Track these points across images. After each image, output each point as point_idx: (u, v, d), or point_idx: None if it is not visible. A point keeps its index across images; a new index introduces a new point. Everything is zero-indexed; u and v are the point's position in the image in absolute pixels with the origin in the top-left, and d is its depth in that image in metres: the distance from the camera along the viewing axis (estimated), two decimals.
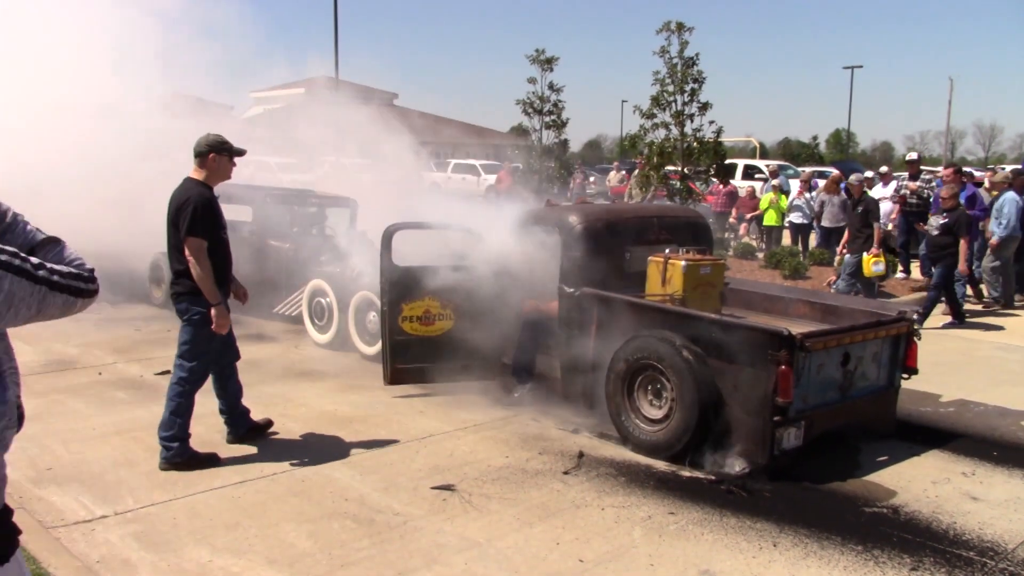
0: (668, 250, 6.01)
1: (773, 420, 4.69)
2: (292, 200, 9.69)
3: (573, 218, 6.05)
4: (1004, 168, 17.28)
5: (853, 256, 10.08)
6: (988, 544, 4.13)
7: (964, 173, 12.15)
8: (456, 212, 7.18)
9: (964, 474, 5.08)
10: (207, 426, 5.28)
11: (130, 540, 3.90)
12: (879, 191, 13.32)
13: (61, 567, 3.59)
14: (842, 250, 10.80)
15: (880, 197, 12.70)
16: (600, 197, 23.02)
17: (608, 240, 6.07)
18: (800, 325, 5.51)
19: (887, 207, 12.86)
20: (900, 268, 12.52)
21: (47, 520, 4.07)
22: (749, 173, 23.20)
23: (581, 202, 10.10)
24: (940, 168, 14.21)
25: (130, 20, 10.88)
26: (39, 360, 7.19)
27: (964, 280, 10.38)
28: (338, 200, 9.72)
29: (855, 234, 10.20)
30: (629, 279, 6.04)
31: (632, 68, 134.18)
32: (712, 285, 5.94)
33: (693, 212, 7.96)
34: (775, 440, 4.72)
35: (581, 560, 3.83)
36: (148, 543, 3.88)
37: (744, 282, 7.60)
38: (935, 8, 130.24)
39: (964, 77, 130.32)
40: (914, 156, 13.39)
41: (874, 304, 6.53)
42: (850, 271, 10.12)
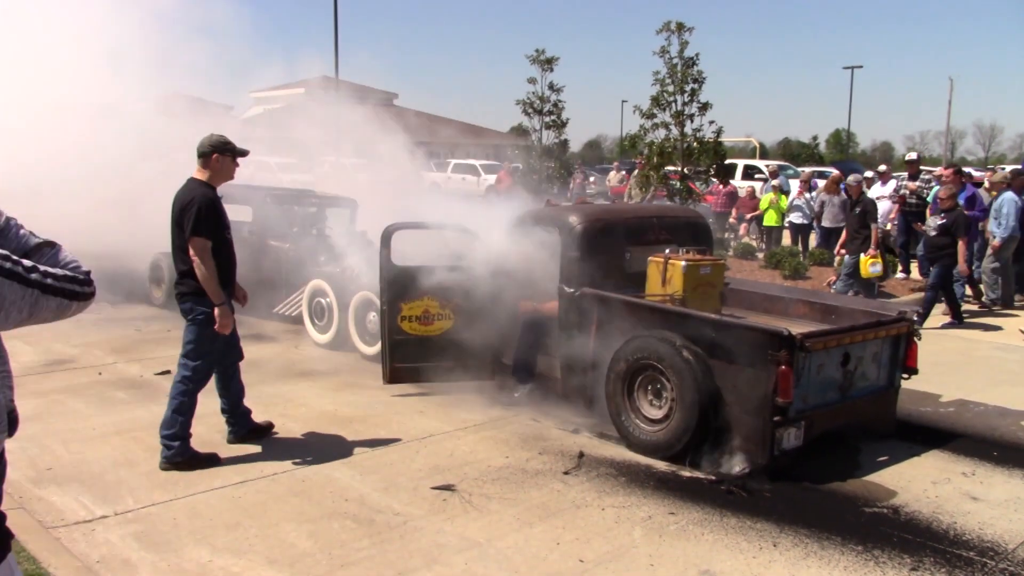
0: (668, 250, 6.00)
1: (773, 420, 4.69)
2: (292, 200, 9.69)
3: (573, 218, 6.05)
4: (1004, 168, 17.27)
5: (851, 257, 10.11)
6: (988, 544, 4.13)
7: (964, 174, 12.15)
8: (456, 212, 7.18)
9: (964, 474, 5.08)
10: (208, 426, 5.28)
11: (130, 540, 3.91)
12: (877, 190, 13.31)
13: (61, 567, 3.59)
14: (840, 251, 10.81)
15: (878, 196, 12.69)
16: (600, 197, 23.02)
17: (608, 240, 6.07)
18: (800, 325, 5.50)
19: (886, 206, 12.87)
20: (900, 268, 12.53)
21: (47, 520, 4.07)
22: (749, 173, 23.22)
23: (581, 202, 10.10)
24: (939, 168, 14.19)
25: (130, 20, 10.89)
26: (39, 360, 7.19)
27: (963, 280, 10.39)
28: (338, 200, 9.73)
29: (853, 235, 10.22)
30: (629, 279, 6.04)
31: (632, 68, 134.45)
32: (712, 285, 5.94)
33: (693, 212, 7.97)
34: (775, 440, 4.72)
35: (581, 560, 3.83)
36: (148, 543, 3.88)
37: (744, 282, 7.60)
38: (935, 8, 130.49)
39: (964, 77, 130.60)
40: (914, 156, 13.41)
41: (874, 304, 6.53)
42: (848, 271, 10.14)
